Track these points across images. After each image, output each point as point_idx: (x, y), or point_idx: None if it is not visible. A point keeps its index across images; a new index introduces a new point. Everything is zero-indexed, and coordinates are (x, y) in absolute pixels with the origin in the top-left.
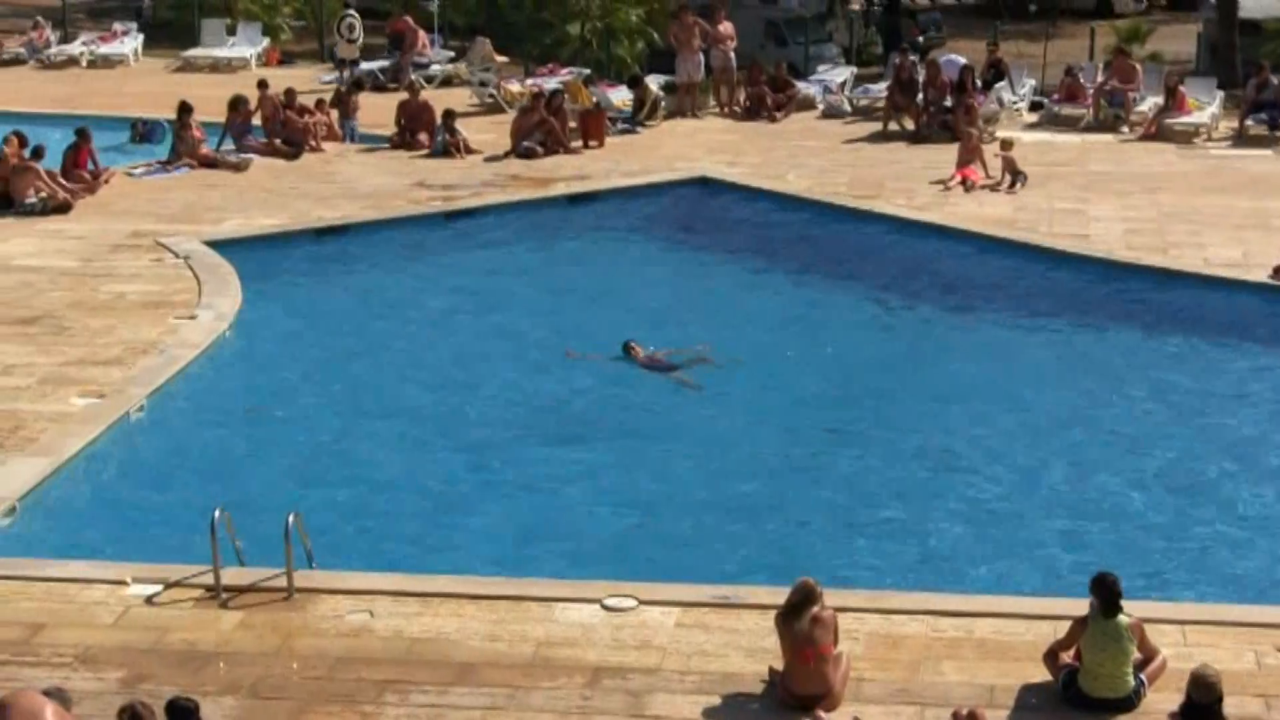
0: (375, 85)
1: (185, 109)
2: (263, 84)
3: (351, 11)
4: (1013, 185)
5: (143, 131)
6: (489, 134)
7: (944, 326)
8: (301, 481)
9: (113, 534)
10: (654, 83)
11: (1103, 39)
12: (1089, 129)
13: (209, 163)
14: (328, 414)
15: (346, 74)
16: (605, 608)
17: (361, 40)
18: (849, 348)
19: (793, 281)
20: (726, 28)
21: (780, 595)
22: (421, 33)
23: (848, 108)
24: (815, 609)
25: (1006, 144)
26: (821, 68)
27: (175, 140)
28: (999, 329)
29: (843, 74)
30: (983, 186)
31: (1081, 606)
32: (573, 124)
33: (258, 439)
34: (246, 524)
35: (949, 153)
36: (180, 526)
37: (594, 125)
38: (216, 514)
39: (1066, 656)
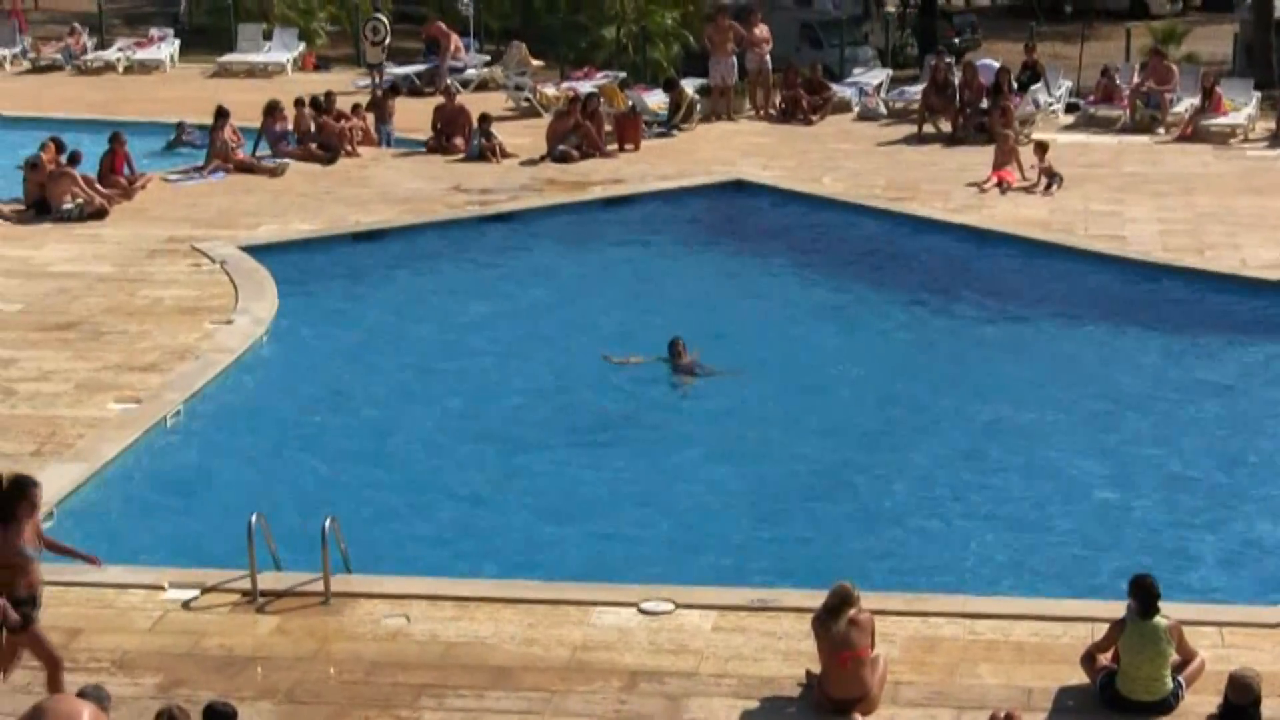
0: (411, 90)
1: (221, 114)
2: (299, 102)
3: (378, 15)
4: (1049, 187)
5: (186, 138)
6: (524, 138)
7: (980, 329)
8: (338, 486)
9: (149, 539)
10: (689, 86)
11: (1138, 40)
12: (1125, 130)
13: (245, 167)
14: (365, 418)
15: (376, 77)
16: (642, 611)
17: (388, 42)
18: (884, 349)
19: (828, 284)
20: (762, 30)
21: (817, 599)
22: (456, 37)
23: (883, 110)
24: (852, 612)
25: (1041, 146)
26: (857, 70)
27: (211, 145)
28: (1037, 331)
29: (878, 76)
30: (1019, 188)
31: (1118, 609)
32: (608, 127)
33: (294, 443)
34: (283, 529)
35: (985, 155)
36: (216, 531)
37: (630, 129)
38: (254, 519)
39: (1104, 659)
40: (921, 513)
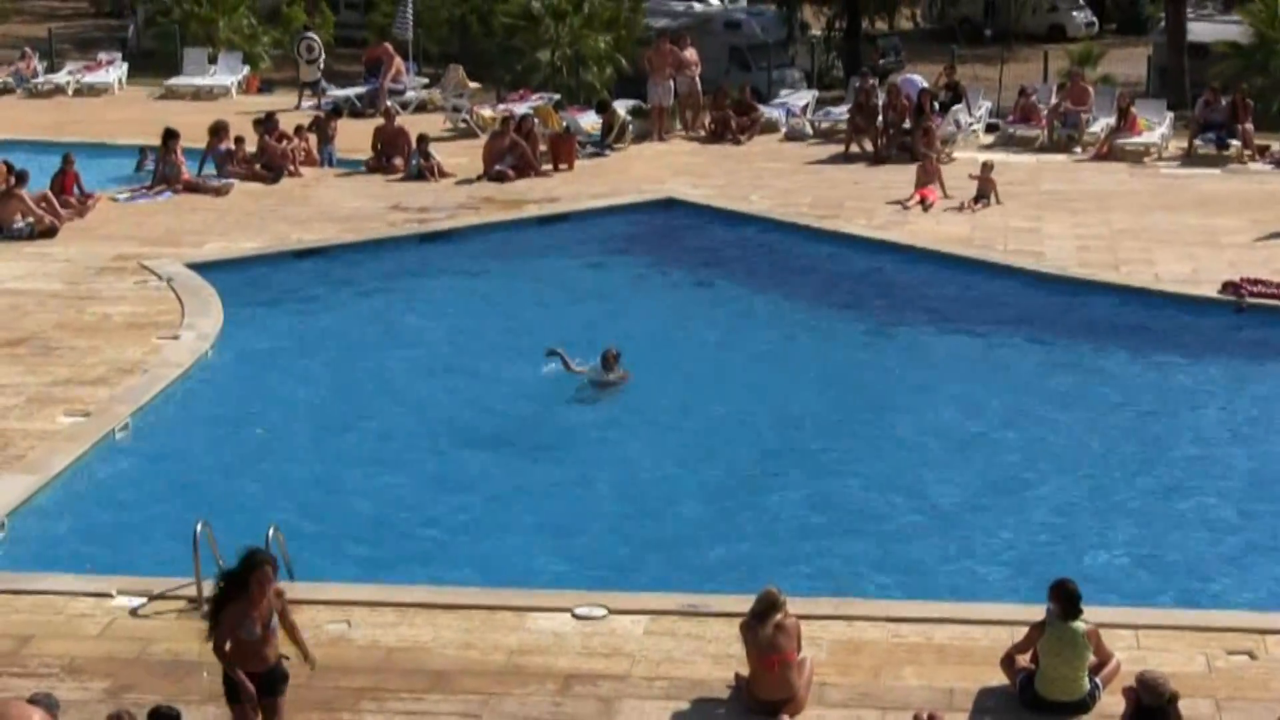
0: (353, 111)
1: (170, 135)
2: (258, 124)
3: (310, 34)
4: (979, 201)
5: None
6: (462, 158)
7: (899, 340)
8: (281, 496)
9: (98, 548)
10: (621, 108)
11: (1056, 62)
12: (1043, 149)
13: (191, 187)
14: (307, 429)
15: (315, 96)
16: (576, 616)
17: (323, 60)
18: (807, 360)
19: (753, 298)
20: (691, 54)
21: (746, 603)
22: (398, 59)
23: (809, 130)
24: (779, 617)
25: (988, 165)
26: (784, 92)
27: (159, 166)
28: (954, 342)
29: (804, 98)
30: (958, 207)
31: (1037, 613)
32: (543, 147)
33: (238, 454)
34: (227, 538)
35: (908, 174)
36: (163, 540)
37: (564, 149)
38: (198, 527)
39: (1023, 660)
40: (846, 519)
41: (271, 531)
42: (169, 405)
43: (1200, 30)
